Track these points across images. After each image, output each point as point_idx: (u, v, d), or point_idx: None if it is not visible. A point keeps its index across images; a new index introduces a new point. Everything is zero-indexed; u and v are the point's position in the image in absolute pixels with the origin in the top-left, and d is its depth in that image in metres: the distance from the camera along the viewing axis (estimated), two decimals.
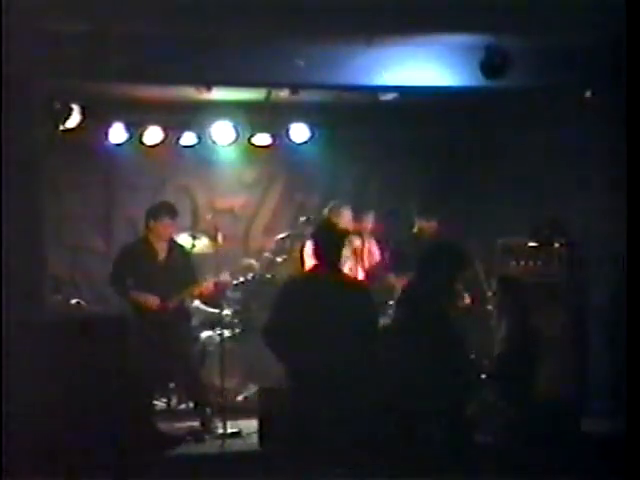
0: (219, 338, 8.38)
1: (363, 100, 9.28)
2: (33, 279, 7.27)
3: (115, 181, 10.06)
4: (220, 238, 8.36)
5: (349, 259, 8.69)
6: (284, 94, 8.79)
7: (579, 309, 8.46)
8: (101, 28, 6.93)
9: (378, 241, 9.07)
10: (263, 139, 10.05)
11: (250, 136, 9.98)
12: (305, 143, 10.08)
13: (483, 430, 7.38)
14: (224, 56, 7.58)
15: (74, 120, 8.81)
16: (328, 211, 9.07)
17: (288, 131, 10.01)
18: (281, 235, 9.82)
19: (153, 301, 8.07)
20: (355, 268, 8.74)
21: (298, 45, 7.63)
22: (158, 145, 9.77)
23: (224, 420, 7.78)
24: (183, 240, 8.78)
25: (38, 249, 7.45)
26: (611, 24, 6.92)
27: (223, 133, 9.74)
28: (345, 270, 7.53)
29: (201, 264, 8.67)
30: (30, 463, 6.47)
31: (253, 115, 9.77)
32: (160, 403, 8.63)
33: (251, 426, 7.73)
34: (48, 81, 7.46)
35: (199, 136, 9.86)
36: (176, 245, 8.46)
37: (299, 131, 10.01)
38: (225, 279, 8.56)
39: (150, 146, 9.75)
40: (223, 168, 10.31)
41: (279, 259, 9.61)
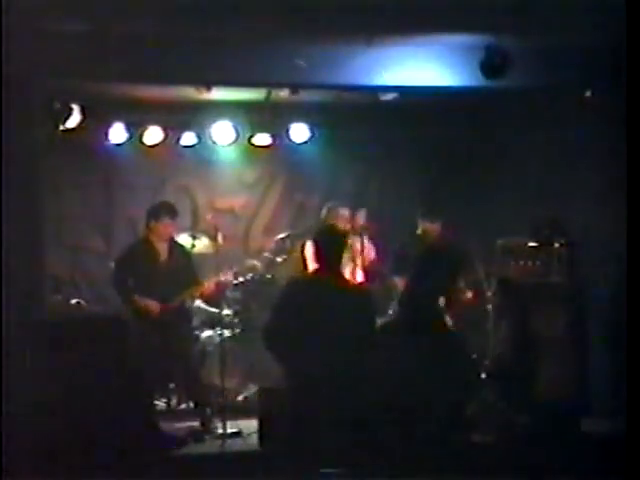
0: (219, 338, 8.38)
1: (363, 100, 9.27)
2: (33, 279, 7.27)
3: (115, 181, 10.04)
4: (220, 238, 8.35)
5: (347, 258, 8.65)
6: (284, 94, 8.78)
7: (579, 309, 8.44)
8: (101, 28, 6.93)
9: (372, 238, 9.04)
10: (263, 139, 10.04)
11: (250, 136, 9.97)
12: (305, 143, 10.07)
13: (483, 430, 7.39)
14: (224, 56, 7.57)
15: (74, 120, 8.79)
16: (326, 212, 9.05)
17: (288, 131, 10.00)
18: (281, 235, 9.81)
19: (155, 307, 8.07)
20: (353, 268, 8.72)
21: (298, 45, 7.62)
22: (158, 145, 9.75)
23: (224, 420, 7.78)
24: (183, 240, 8.79)
25: (38, 249, 7.45)
26: (611, 24, 6.91)
27: (223, 133, 9.73)
28: (344, 270, 7.51)
29: (201, 264, 8.66)
30: (30, 463, 6.47)
31: (253, 115, 9.76)
32: (160, 403, 8.63)
33: (251, 426, 7.72)
34: (48, 81, 7.47)
35: (199, 136, 9.85)
36: (177, 245, 8.47)
37: (299, 131, 10.00)
38: (227, 279, 8.56)
39: (150, 146, 9.74)
40: (223, 168, 10.30)
41: (279, 259, 9.60)
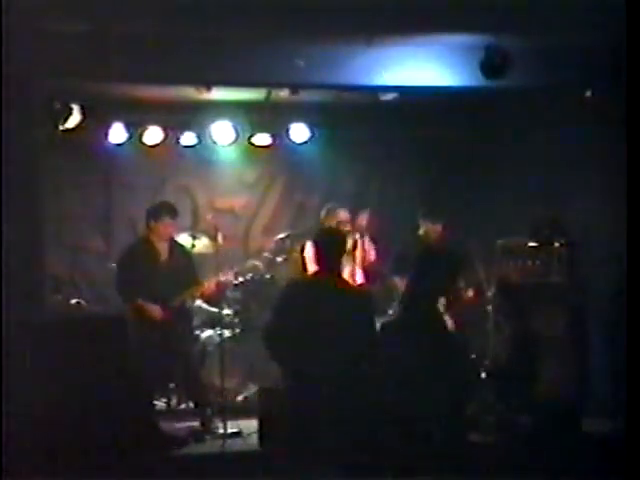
0: (219, 338, 8.38)
1: (363, 100, 9.27)
2: (33, 279, 7.27)
3: (115, 181, 10.04)
4: (220, 238, 8.35)
5: (347, 259, 8.63)
6: (284, 94, 8.79)
7: (579, 309, 8.44)
8: (101, 28, 6.93)
9: (373, 238, 9.03)
10: (263, 139, 10.04)
11: (250, 136, 9.98)
12: (305, 143, 10.07)
13: (483, 430, 7.39)
14: (224, 56, 7.58)
15: (74, 120, 8.80)
16: (325, 213, 9.03)
17: (288, 131, 10.00)
18: (281, 235, 9.81)
19: (157, 313, 8.06)
20: (354, 269, 8.71)
21: (298, 45, 7.62)
22: (158, 145, 9.76)
23: (224, 420, 7.78)
24: (183, 240, 8.79)
25: (38, 249, 7.44)
26: (611, 24, 6.92)
27: (223, 133, 9.74)
28: (345, 271, 7.51)
29: (201, 264, 8.66)
30: (30, 463, 6.47)
31: (253, 115, 9.76)
32: (160, 403, 8.63)
33: (251, 426, 7.73)
34: (48, 81, 7.46)
35: (199, 136, 9.85)
36: (177, 245, 8.46)
37: (299, 131, 10.00)
38: (227, 279, 8.56)
39: (150, 146, 9.74)
40: (223, 168, 10.30)
41: (279, 259, 9.60)
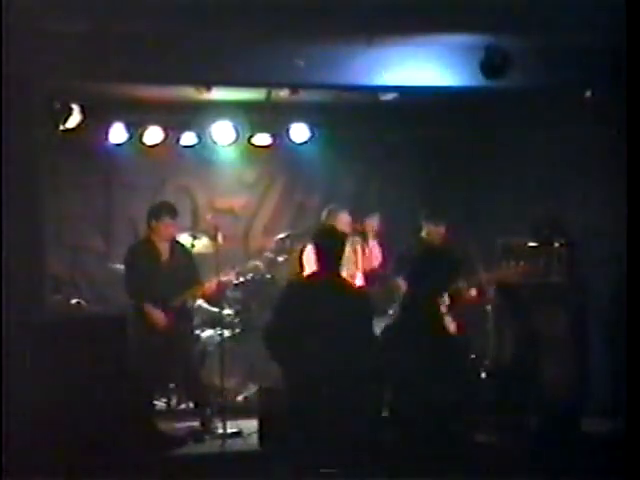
0: (219, 338, 8.38)
1: (363, 100, 9.27)
2: (33, 279, 7.27)
3: (115, 181, 10.04)
4: (220, 238, 8.35)
5: (350, 261, 8.62)
6: (284, 94, 8.78)
7: (579, 309, 8.44)
8: (101, 28, 6.93)
9: (381, 244, 9.02)
10: (263, 139, 10.04)
11: (250, 136, 9.98)
12: (305, 143, 10.07)
13: (483, 430, 7.39)
14: (224, 56, 7.57)
15: (74, 120, 8.80)
16: (326, 214, 9.02)
17: (288, 131, 10.01)
18: (281, 235, 9.81)
19: (161, 320, 8.03)
20: (356, 270, 8.70)
21: (298, 45, 7.62)
22: (158, 145, 9.76)
23: (224, 420, 7.78)
24: (183, 240, 8.78)
25: (38, 249, 7.44)
26: (611, 24, 6.91)
27: (223, 133, 9.73)
28: (345, 272, 7.50)
29: (201, 264, 8.65)
30: (30, 463, 6.47)
31: (253, 115, 9.76)
32: (160, 403, 8.63)
33: (251, 426, 7.73)
34: (48, 81, 7.46)
35: (199, 136, 9.85)
36: (178, 245, 8.45)
37: (299, 131, 10.00)
38: (228, 278, 8.56)
39: (150, 146, 9.74)
40: (223, 168, 10.30)
41: (280, 259, 9.60)
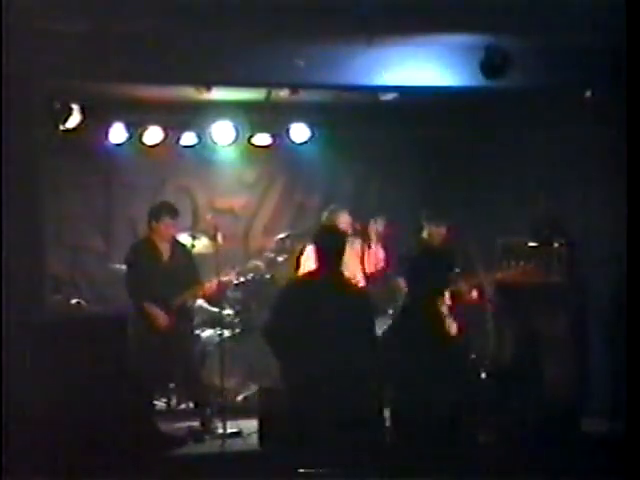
0: (219, 338, 8.38)
1: (363, 100, 9.26)
2: (33, 279, 7.27)
3: (115, 181, 10.04)
4: (220, 238, 8.35)
5: (350, 262, 8.59)
6: (284, 94, 8.78)
7: (579, 309, 8.44)
8: (101, 28, 6.93)
9: (385, 247, 9.00)
10: (263, 139, 10.04)
11: (250, 136, 9.98)
12: (305, 143, 10.07)
13: (483, 430, 7.38)
14: (224, 56, 7.57)
15: (74, 120, 8.80)
16: (327, 214, 9.01)
17: (288, 131, 10.01)
18: (281, 235, 9.81)
19: (163, 320, 8.04)
20: (358, 271, 8.68)
21: (298, 45, 7.61)
22: (158, 145, 9.76)
23: (224, 420, 7.78)
24: (183, 240, 8.78)
25: (38, 249, 7.44)
26: (611, 24, 6.91)
27: (223, 133, 9.73)
28: (347, 273, 7.49)
29: (201, 264, 8.66)
30: (30, 463, 6.47)
31: (253, 115, 9.76)
32: (160, 403, 8.63)
33: (251, 426, 7.73)
34: (48, 81, 7.46)
35: (199, 136, 9.85)
36: (179, 245, 8.46)
37: (299, 131, 10.00)
38: (229, 279, 8.56)
39: (150, 146, 9.74)
40: (223, 168, 10.31)
41: (280, 259, 9.60)
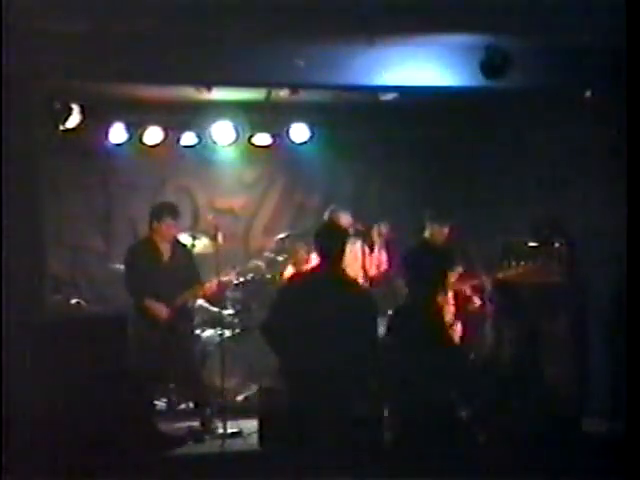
0: (219, 338, 8.38)
1: (363, 100, 9.26)
2: (33, 279, 7.27)
3: (115, 181, 10.04)
4: (220, 238, 8.35)
5: (353, 262, 8.57)
6: (284, 94, 8.78)
7: (579, 309, 8.45)
8: (101, 28, 6.93)
9: (389, 250, 8.99)
10: (263, 139, 10.04)
11: (250, 136, 9.98)
12: (305, 143, 10.07)
13: (483, 430, 7.38)
14: (224, 56, 7.57)
15: (74, 120, 8.80)
16: (328, 215, 9.00)
17: (288, 131, 10.00)
18: (281, 235, 9.81)
19: (164, 313, 8.05)
20: (359, 271, 8.67)
21: (298, 45, 7.61)
22: (158, 145, 9.76)
23: (224, 420, 7.78)
24: (183, 240, 8.78)
25: (38, 249, 7.45)
26: (611, 24, 6.91)
27: (223, 133, 9.73)
28: (348, 270, 7.48)
29: (201, 264, 8.66)
30: (30, 463, 6.47)
31: (253, 115, 9.76)
32: (160, 403, 8.63)
33: (251, 426, 7.74)
34: (48, 81, 7.46)
35: (199, 136, 9.85)
36: (180, 245, 8.46)
37: (299, 131, 10.00)
38: (229, 279, 8.56)
39: (150, 146, 9.74)
40: (223, 168, 10.31)
41: (280, 259, 9.60)
